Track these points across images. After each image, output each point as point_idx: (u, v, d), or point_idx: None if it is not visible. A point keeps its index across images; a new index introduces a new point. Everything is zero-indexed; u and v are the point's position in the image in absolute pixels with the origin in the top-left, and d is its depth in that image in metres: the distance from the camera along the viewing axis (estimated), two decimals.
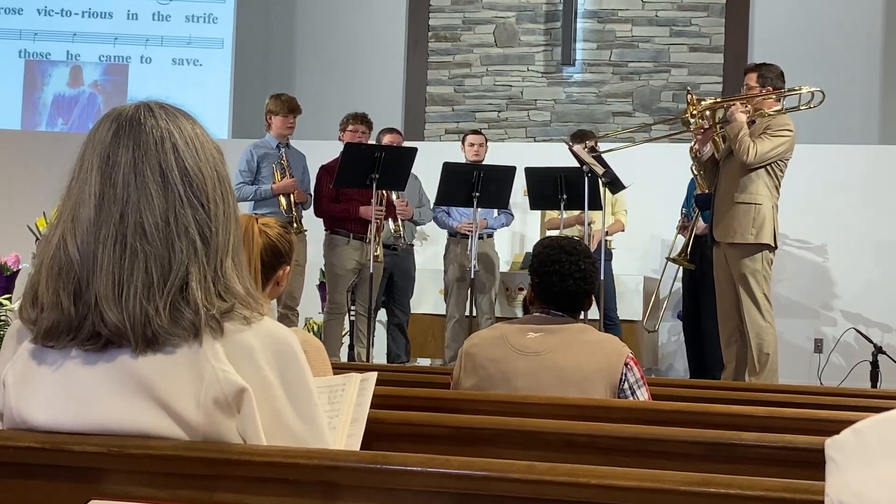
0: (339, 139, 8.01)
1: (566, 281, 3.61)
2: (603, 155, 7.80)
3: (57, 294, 1.74)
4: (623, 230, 8.62)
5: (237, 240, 1.84)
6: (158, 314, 1.71)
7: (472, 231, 8.08)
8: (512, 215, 8.76)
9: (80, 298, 1.73)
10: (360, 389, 2.28)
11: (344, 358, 7.90)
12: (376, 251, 7.59)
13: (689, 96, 6.72)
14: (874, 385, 7.73)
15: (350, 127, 8.02)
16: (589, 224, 7.87)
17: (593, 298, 3.82)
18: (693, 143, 6.97)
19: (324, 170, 7.92)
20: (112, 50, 10.87)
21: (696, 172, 7.63)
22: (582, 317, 3.95)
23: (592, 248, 7.91)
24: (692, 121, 6.73)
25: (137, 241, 1.73)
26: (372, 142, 8.19)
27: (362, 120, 8.06)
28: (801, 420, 2.98)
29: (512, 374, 3.46)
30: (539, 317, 3.63)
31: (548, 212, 8.84)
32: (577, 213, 8.09)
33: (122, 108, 1.85)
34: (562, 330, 3.54)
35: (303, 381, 1.82)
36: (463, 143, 8.68)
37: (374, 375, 2.33)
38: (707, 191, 7.33)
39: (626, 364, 3.44)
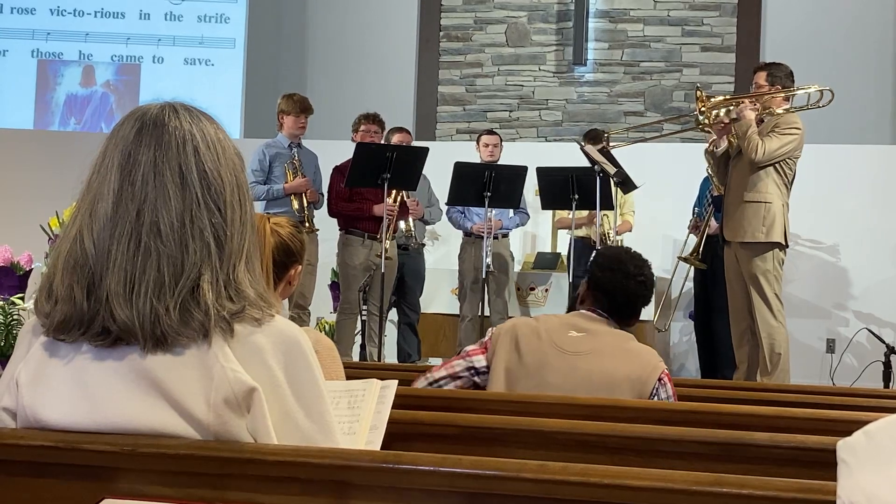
0: (352, 139, 8.02)
1: (629, 281, 3.60)
2: (614, 153, 7.79)
3: (71, 288, 1.75)
4: (630, 230, 8.62)
5: (252, 245, 1.84)
6: (168, 314, 1.71)
7: (485, 232, 8.10)
8: (527, 215, 8.76)
9: (92, 293, 1.74)
10: (379, 397, 2.27)
11: (356, 357, 7.90)
12: (386, 248, 7.58)
13: (698, 93, 6.72)
14: (886, 385, 7.71)
15: (362, 127, 8.04)
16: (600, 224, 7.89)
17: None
18: (709, 144, 6.97)
19: (337, 170, 7.93)
20: (124, 50, 10.90)
21: (711, 173, 7.62)
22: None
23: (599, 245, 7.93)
24: (702, 118, 6.73)
25: (152, 240, 1.74)
26: (382, 141, 8.20)
27: (374, 120, 8.08)
28: (813, 420, 2.98)
29: (545, 369, 3.43)
30: (586, 314, 3.60)
31: (558, 211, 8.84)
32: (587, 212, 8.09)
33: (147, 108, 1.85)
34: (604, 334, 3.52)
35: (311, 379, 1.82)
36: (478, 143, 8.69)
37: (394, 383, 2.31)
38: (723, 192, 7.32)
39: (659, 379, 3.40)
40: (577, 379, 3.38)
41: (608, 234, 8.08)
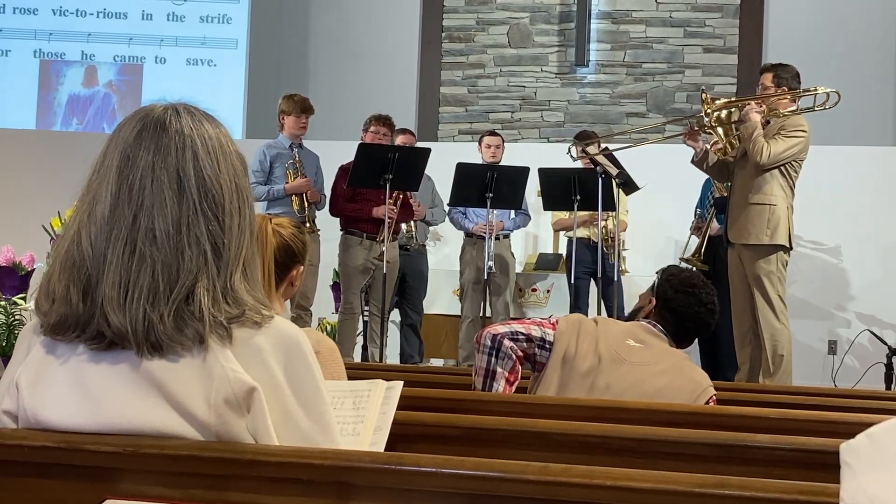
0: (361, 139, 8.01)
1: (702, 308, 3.62)
2: (615, 155, 7.79)
3: (67, 288, 1.75)
4: (625, 229, 8.61)
5: (251, 252, 1.83)
6: (162, 321, 1.71)
7: (487, 232, 8.10)
8: (529, 216, 8.75)
9: (88, 295, 1.74)
10: (384, 397, 2.26)
11: (357, 358, 7.90)
12: (384, 251, 7.56)
13: (704, 95, 6.71)
14: (888, 387, 7.70)
15: (372, 128, 8.03)
16: (603, 223, 7.89)
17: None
18: (710, 145, 6.96)
19: (342, 170, 7.93)
20: (126, 50, 10.91)
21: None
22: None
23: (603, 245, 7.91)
24: (706, 119, 6.71)
25: (147, 245, 1.73)
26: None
27: (384, 122, 8.06)
28: (815, 422, 2.98)
29: (598, 370, 3.42)
30: (646, 327, 3.61)
31: (555, 213, 8.81)
32: (585, 213, 8.06)
33: (150, 108, 1.84)
34: (661, 349, 3.52)
35: (311, 379, 1.82)
36: (480, 144, 8.69)
37: (399, 384, 2.30)
38: (725, 194, 7.31)
39: (707, 403, 3.40)
40: (626, 385, 3.38)
41: (610, 234, 8.07)
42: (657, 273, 3.84)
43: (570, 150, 7.92)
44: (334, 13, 11.18)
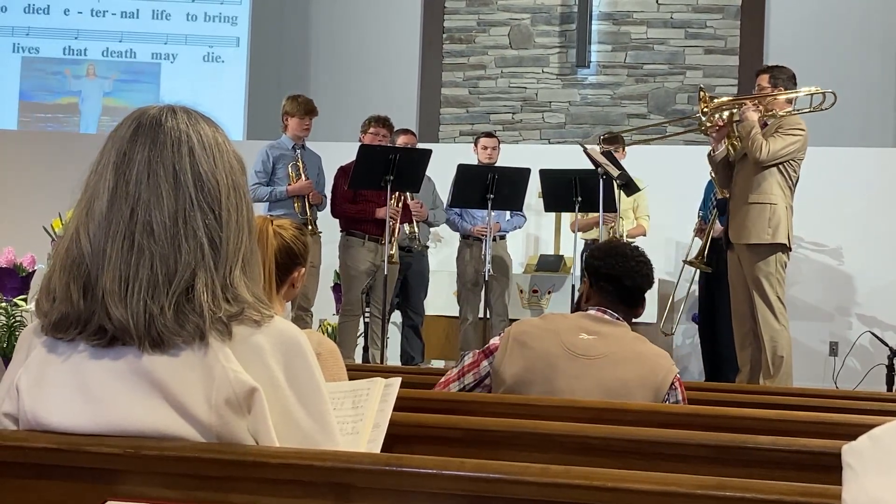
0: (360, 140, 8.00)
1: (629, 262, 3.54)
2: (616, 156, 7.79)
3: (68, 286, 1.76)
4: (644, 234, 8.60)
5: (250, 250, 1.83)
6: (163, 314, 1.71)
7: (485, 234, 8.08)
8: (524, 217, 8.74)
9: (89, 292, 1.74)
10: (383, 395, 2.26)
11: (358, 360, 7.90)
12: (391, 252, 7.57)
13: (702, 93, 6.72)
14: (890, 389, 7.70)
15: (371, 129, 8.01)
16: (611, 226, 7.90)
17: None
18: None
19: (341, 171, 7.92)
20: (128, 50, 10.91)
21: (713, 176, 7.62)
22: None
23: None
24: (704, 118, 6.72)
25: (145, 239, 1.74)
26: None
27: (384, 123, 8.05)
28: (816, 423, 2.97)
29: (556, 374, 3.34)
30: (594, 315, 3.48)
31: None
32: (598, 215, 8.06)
33: (146, 109, 1.86)
34: (616, 337, 3.43)
35: (311, 378, 1.82)
36: (475, 146, 8.67)
37: (398, 381, 2.29)
38: (727, 195, 7.32)
39: (672, 385, 3.35)
40: (589, 385, 3.31)
41: (619, 236, 8.08)
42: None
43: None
44: (336, 14, 11.18)
